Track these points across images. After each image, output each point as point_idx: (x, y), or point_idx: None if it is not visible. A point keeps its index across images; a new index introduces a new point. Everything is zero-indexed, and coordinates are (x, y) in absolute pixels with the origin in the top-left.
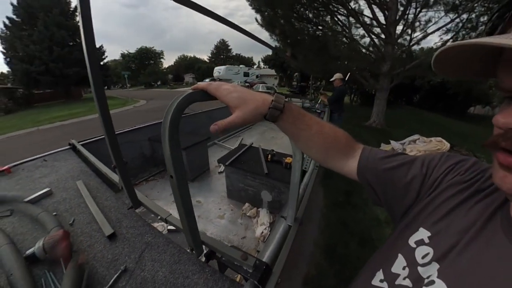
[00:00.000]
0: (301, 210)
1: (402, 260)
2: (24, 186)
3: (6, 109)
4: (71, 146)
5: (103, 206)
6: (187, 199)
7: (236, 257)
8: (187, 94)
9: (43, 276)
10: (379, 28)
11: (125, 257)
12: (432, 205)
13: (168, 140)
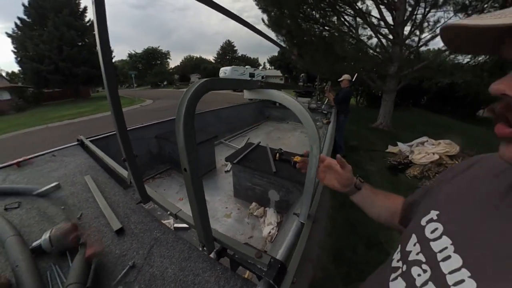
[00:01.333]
0: (314, 208)
1: (414, 238)
2: (33, 179)
3: (17, 107)
4: (79, 142)
5: (111, 201)
6: (201, 193)
7: (250, 254)
8: (203, 81)
9: (48, 269)
10: (386, 28)
11: (133, 253)
12: (441, 191)
13: (182, 130)
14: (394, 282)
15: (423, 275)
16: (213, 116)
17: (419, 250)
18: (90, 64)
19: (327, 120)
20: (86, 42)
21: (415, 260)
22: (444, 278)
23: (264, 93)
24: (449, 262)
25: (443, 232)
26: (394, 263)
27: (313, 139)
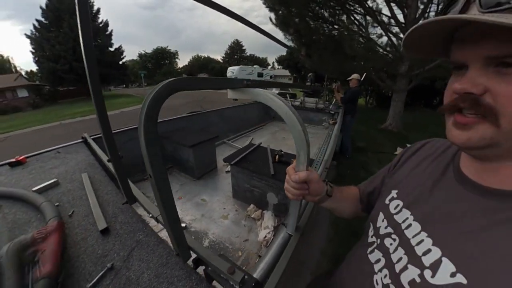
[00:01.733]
0: (305, 218)
1: (381, 215)
2: (35, 175)
3: (34, 105)
4: (83, 139)
5: (102, 200)
6: (169, 200)
7: (223, 269)
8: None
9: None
10: (397, 27)
11: (114, 254)
12: (398, 174)
13: (143, 136)
14: (372, 254)
15: (393, 243)
16: (217, 116)
17: (387, 224)
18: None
19: (333, 120)
20: (99, 42)
21: (385, 233)
22: (409, 241)
23: (248, 93)
24: (411, 229)
25: (402, 206)
26: (369, 239)
27: (300, 145)
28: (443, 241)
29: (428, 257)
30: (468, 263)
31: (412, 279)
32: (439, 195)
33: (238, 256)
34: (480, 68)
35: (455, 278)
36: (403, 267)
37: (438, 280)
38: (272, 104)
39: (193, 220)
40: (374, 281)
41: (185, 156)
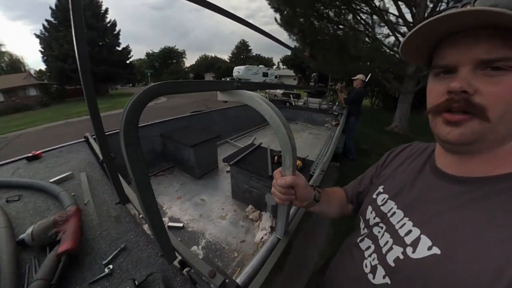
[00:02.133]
0: (295, 222)
1: (370, 208)
2: (51, 169)
3: (42, 103)
4: (85, 139)
5: (98, 199)
6: (152, 204)
7: (204, 272)
8: (149, 87)
9: (28, 262)
10: (405, 26)
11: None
12: (384, 172)
13: (123, 140)
14: (362, 242)
15: (381, 230)
16: (220, 115)
17: (375, 215)
18: (109, 63)
19: (336, 121)
20: (106, 42)
21: (374, 223)
22: (394, 227)
23: (237, 95)
24: (395, 216)
25: (388, 198)
26: (361, 231)
27: (285, 149)
28: (421, 222)
29: (409, 237)
30: (441, 237)
31: (396, 257)
32: (418, 186)
33: (234, 257)
34: (470, 70)
35: (431, 250)
36: (389, 248)
37: (418, 254)
38: (258, 107)
39: (191, 220)
40: (363, 265)
41: (186, 155)
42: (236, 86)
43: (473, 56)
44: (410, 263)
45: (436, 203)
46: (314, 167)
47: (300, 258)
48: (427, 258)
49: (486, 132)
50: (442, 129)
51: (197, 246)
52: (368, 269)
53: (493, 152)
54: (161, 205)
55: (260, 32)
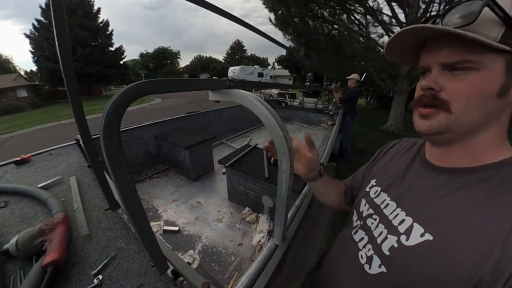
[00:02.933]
0: (293, 227)
1: (364, 201)
2: (41, 173)
3: (33, 104)
4: (76, 141)
5: (88, 205)
6: (138, 211)
7: (197, 284)
8: (131, 85)
9: (14, 273)
10: (398, 26)
11: (117, 245)
12: (376, 167)
13: (104, 144)
14: (356, 234)
15: (374, 222)
16: (216, 116)
17: (368, 207)
18: (102, 64)
19: (331, 121)
20: (99, 42)
21: (367, 214)
22: (387, 217)
23: (229, 94)
24: (388, 207)
25: (380, 190)
26: (354, 223)
27: (281, 152)
28: (413, 211)
29: (403, 226)
30: (432, 224)
31: (391, 245)
32: (409, 178)
33: (231, 261)
34: (438, 71)
35: (424, 237)
36: (384, 238)
37: (411, 242)
38: (252, 107)
39: (186, 224)
40: (359, 256)
41: (181, 157)
42: (228, 85)
43: (438, 60)
44: (405, 250)
45: (426, 193)
46: None
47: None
48: (421, 244)
49: (451, 123)
50: (416, 122)
51: (193, 250)
52: (364, 260)
53: (469, 144)
54: (156, 208)
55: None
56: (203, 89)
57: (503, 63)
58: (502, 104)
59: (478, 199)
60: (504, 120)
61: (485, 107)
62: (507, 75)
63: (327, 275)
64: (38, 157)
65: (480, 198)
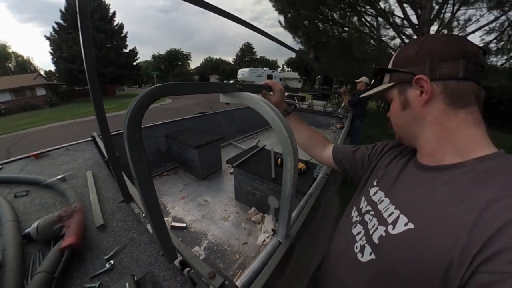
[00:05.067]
0: (297, 225)
1: (363, 199)
2: (46, 170)
3: (51, 103)
4: (92, 138)
5: (103, 197)
6: (153, 203)
7: (204, 273)
8: (153, 88)
9: (33, 255)
10: (411, 28)
11: (107, 250)
12: (377, 167)
13: (127, 140)
14: (355, 228)
15: (371, 217)
16: (225, 117)
17: (367, 204)
18: (117, 65)
19: (340, 124)
20: (114, 44)
21: (366, 211)
22: (380, 212)
23: (238, 97)
24: (382, 203)
25: (378, 189)
26: (354, 219)
27: (286, 151)
28: (400, 205)
29: (391, 217)
30: (415, 214)
31: (380, 235)
32: (402, 177)
33: (236, 259)
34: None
35: (407, 226)
36: (375, 229)
37: (396, 230)
38: (260, 109)
39: (193, 221)
40: (355, 248)
41: (190, 156)
42: (238, 89)
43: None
44: (391, 238)
45: (413, 189)
46: (318, 170)
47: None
48: (404, 233)
49: (397, 133)
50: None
51: (199, 247)
52: (358, 249)
53: (420, 146)
54: (164, 205)
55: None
56: (215, 92)
57: (396, 90)
58: (411, 113)
59: (455, 192)
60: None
61: (400, 118)
62: (399, 95)
63: (327, 268)
64: (55, 152)
65: (457, 191)
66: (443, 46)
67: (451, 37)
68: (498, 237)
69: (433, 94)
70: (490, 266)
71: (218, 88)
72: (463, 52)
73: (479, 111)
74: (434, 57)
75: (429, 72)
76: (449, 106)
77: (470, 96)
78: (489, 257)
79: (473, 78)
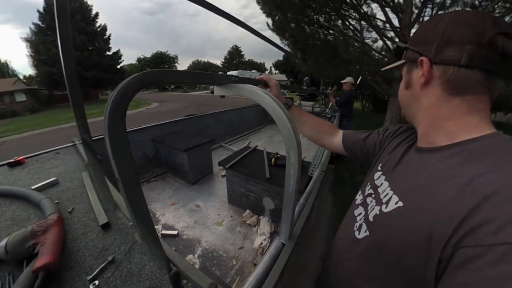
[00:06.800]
0: (299, 225)
1: (368, 183)
2: (34, 175)
3: (31, 109)
4: (83, 140)
5: (83, 207)
6: (140, 207)
7: (203, 285)
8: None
9: (2, 278)
10: (392, 31)
11: (115, 248)
12: (385, 151)
13: (108, 134)
14: (356, 210)
15: (372, 199)
16: (214, 119)
17: (370, 187)
18: (100, 68)
19: None
20: (96, 46)
21: (368, 193)
22: (379, 194)
23: (236, 88)
24: (382, 186)
25: (381, 174)
26: (357, 201)
27: (290, 144)
28: (395, 185)
29: (386, 198)
30: (405, 193)
31: (375, 213)
32: (403, 162)
33: (233, 264)
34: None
35: (397, 204)
36: (372, 209)
37: (388, 209)
38: (259, 99)
39: (185, 227)
40: (354, 227)
41: (179, 160)
42: (234, 81)
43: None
44: (383, 216)
45: (408, 170)
46: (312, 168)
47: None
48: (394, 210)
49: (402, 111)
50: None
51: (193, 255)
52: (356, 227)
53: (417, 127)
54: (154, 212)
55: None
56: (209, 83)
57: (405, 68)
58: (411, 93)
59: (443, 171)
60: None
61: (403, 97)
62: (406, 74)
63: (331, 248)
64: (32, 159)
65: (444, 170)
66: (456, 27)
67: (473, 17)
68: (478, 211)
69: (432, 77)
70: (471, 240)
71: (212, 79)
72: (476, 36)
73: (484, 100)
74: (443, 39)
75: (434, 54)
76: (446, 92)
77: (471, 85)
78: (469, 231)
79: (480, 66)
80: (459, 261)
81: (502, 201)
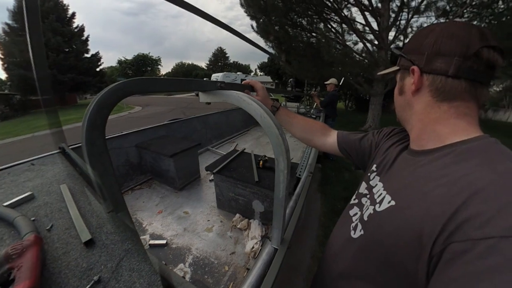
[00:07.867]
0: (291, 228)
1: (364, 183)
2: (6, 190)
3: (2, 115)
4: (60, 150)
5: (85, 211)
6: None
7: None
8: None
9: None
10: (372, 34)
11: (101, 266)
12: (379, 152)
13: (86, 148)
14: (351, 210)
15: (367, 200)
16: (200, 122)
17: (365, 188)
18: (77, 71)
19: None
20: (73, 48)
21: (363, 194)
22: (373, 196)
23: (222, 95)
24: (376, 187)
25: (376, 174)
26: (352, 202)
27: (278, 151)
28: (388, 186)
29: (380, 197)
30: (397, 193)
31: (369, 213)
32: (396, 163)
33: (225, 271)
34: None
35: (390, 203)
36: (367, 209)
37: (381, 208)
38: (246, 106)
39: (174, 236)
40: (350, 227)
41: (165, 166)
42: (220, 87)
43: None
44: (377, 215)
45: (401, 172)
46: (300, 169)
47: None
48: (387, 209)
49: (396, 115)
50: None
51: (184, 264)
52: (352, 227)
53: (410, 130)
54: (140, 222)
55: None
56: (195, 90)
57: (399, 74)
58: (404, 99)
59: (433, 171)
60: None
61: (397, 102)
62: (399, 80)
63: (326, 247)
64: (4, 171)
65: (434, 170)
66: (445, 39)
67: (462, 29)
68: (465, 207)
69: (422, 85)
70: (459, 235)
71: (196, 85)
72: (462, 49)
73: (471, 106)
74: (432, 50)
75: (424, 64)
76: (435, 98)
77: (458, 93)
78: (458, 227)
79: (466, 76)
80: (449, 257)
81: (487, 196)
